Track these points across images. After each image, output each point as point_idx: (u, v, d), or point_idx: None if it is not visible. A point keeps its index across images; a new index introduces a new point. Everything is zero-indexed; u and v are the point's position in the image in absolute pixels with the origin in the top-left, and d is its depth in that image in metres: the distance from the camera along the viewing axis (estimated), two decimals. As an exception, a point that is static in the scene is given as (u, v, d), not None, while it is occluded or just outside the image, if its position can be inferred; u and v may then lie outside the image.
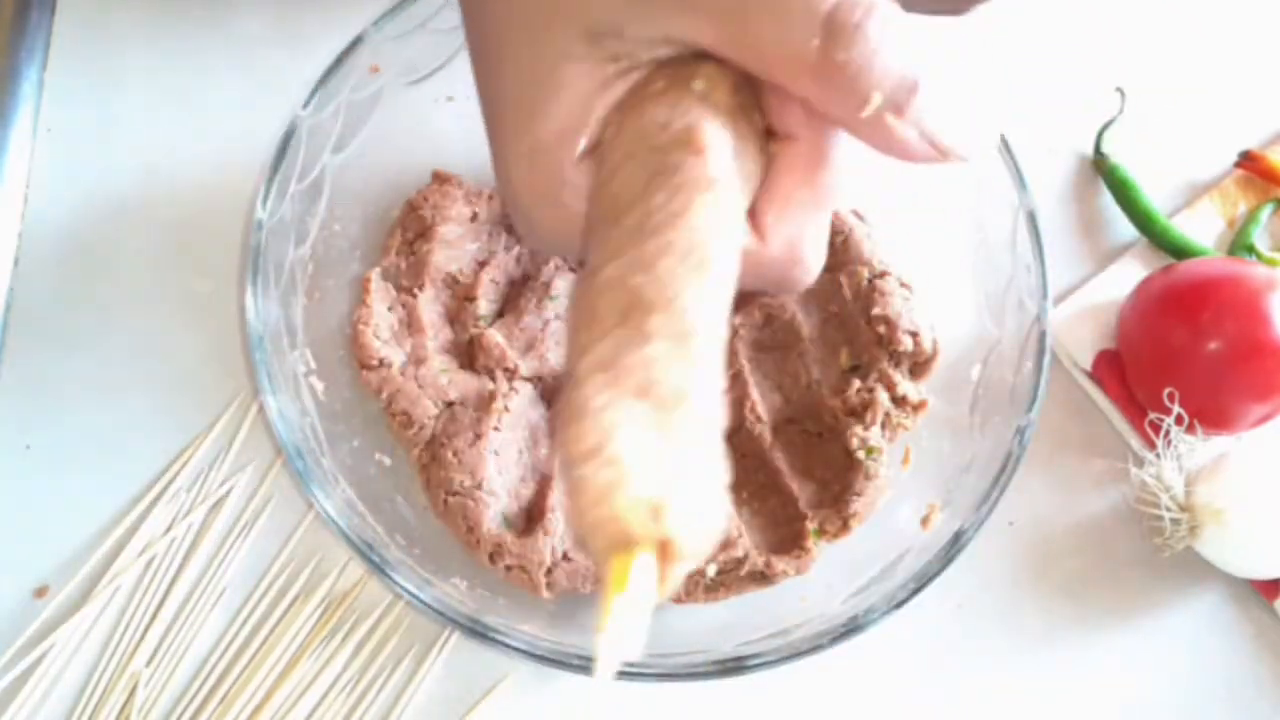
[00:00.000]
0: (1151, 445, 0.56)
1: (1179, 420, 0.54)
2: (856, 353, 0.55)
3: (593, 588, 0.51)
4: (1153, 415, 0.55)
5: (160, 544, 0.54)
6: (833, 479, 0.53)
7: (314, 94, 0.51)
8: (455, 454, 0.51)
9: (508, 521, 0.51)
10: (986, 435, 0.52)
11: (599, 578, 0.31)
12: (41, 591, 0.53)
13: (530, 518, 0.51)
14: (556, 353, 0.54)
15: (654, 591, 0.29)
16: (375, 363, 0.52)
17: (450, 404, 0.52)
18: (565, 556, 0.50)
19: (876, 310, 0.54)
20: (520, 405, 0.53)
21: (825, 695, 0.55)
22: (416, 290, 0.54)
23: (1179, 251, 0.60)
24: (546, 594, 0.50)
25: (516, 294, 0.55)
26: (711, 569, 0.50)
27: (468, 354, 0.54)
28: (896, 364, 0.54)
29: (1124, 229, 0.62)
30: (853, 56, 0.32)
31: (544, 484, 0.52)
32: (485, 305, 0.54)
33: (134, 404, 0.56)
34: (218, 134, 0.60)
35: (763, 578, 0.51)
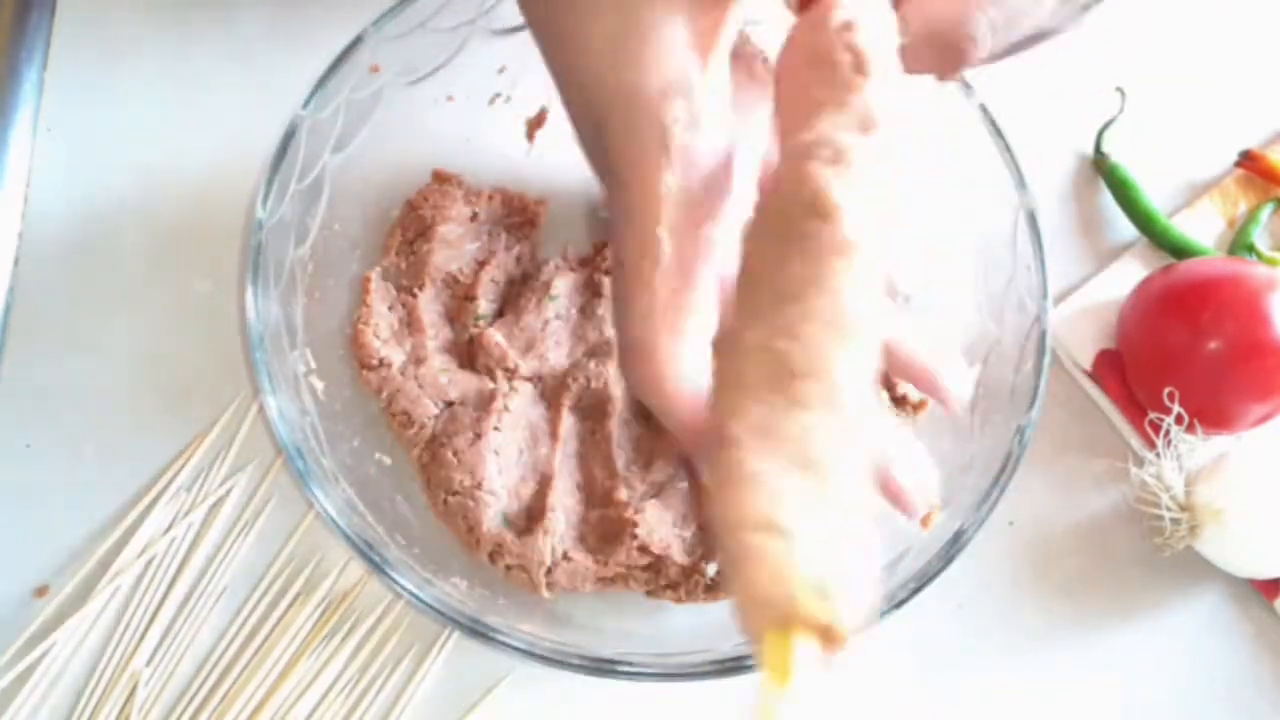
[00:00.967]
0: (1151, 445, 0.56)
1: (1179, 420, 0.54)
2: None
3: (593, 587, 0.51)
4: (1153, 415, 0.55)
5: (160, 544, 0.54)
6: (833, 479, 0.53)
7: (314, 94, 0.51)
8: (455, 454, 0.51)
9: (508, 521, 0.51)
10: (986, 435, 0.52)
11: (756, 655, 0.29)
12: (41, 591, 0.53)
13: (530, 517, 0.51)
14: (556, 352, 0.54)
15: (819, 679, 0.28)
16: (375, 362, 0.52)
17: (450, 404, 0.52)
18: (565, 556, 0.50)
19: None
20: (520, 405, 0.53)
21: (825, 695, 0.54)
22: (416, 290, 0.54)
23: (1179, 251, 0.60)
24: (546, 594, 0.50)
25: (516, 294, 0.55)
26: (712, 568, 0.50)
27: (468, 354, 0.54)
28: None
29: (1124, 229, 0.62)
30: None
31: (544, 484, 0.52)
32: (485, 305, 0.54)
33: (134, 404, 0.56)
34: (218, 134, 0.60)
35: (763, 577, 0.51)
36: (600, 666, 0.47)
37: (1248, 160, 0.63)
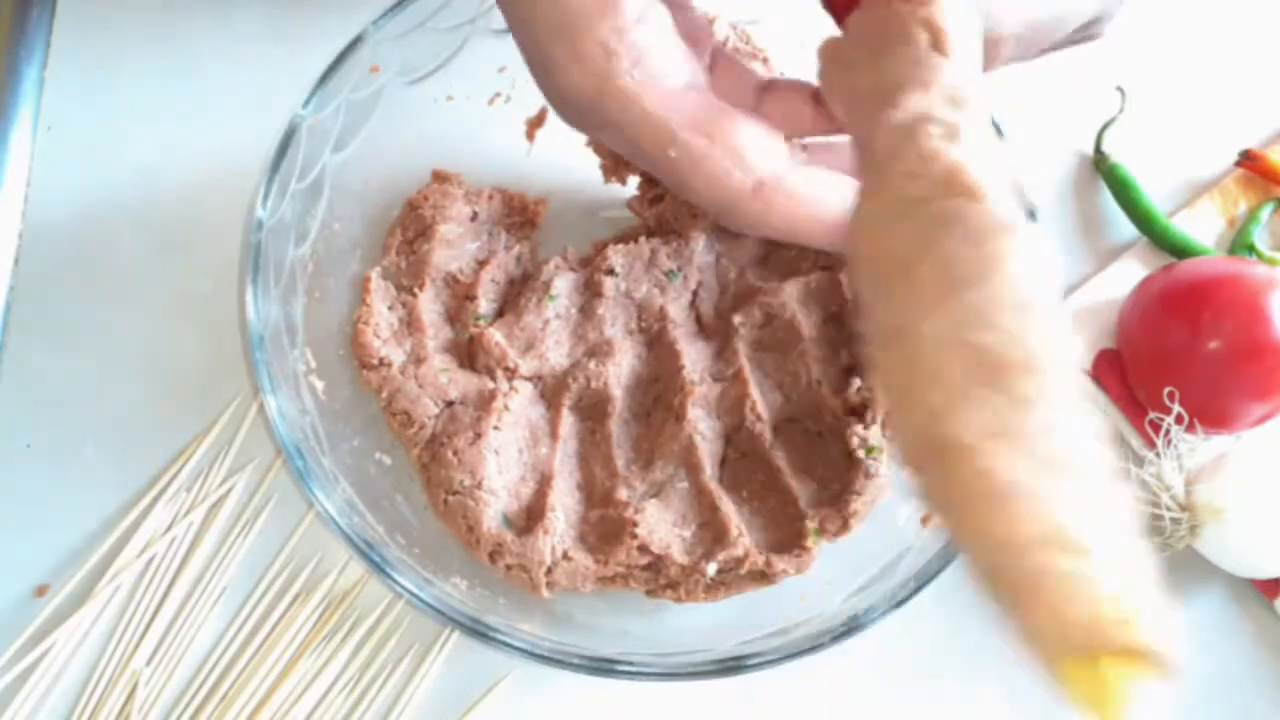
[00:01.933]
0: (1151, 444, 0.56)
1: (1179, 420, 0.54)
2: (856, 352, 0.55)
3: (593, 587, 0.51)
4: (1153, 415, 0.55)
5: (160, 543, 0.54)
6: (833, 478, 0.53)
7: (314, 94, 0.51)
8: (455, 453, 0.51)
9: (508, 521, 0.51)
10: (987, 434, 0.51)
11: (1057, 686, 0.27)
12: (42, 591, 0.53)
13: (530, 517, 0.51)
14: (556, 352, 0.54)
15: (1150, 710, 0.26)
16: (375, 362, 0.52)
17: (450, 403, 0.52)
18: (565, 556, 0.50)
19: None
20: (520, 404, 0.53)
21: (825, 695, 0.55)
22: (416, 290, 0.54)
23: (1179, 251, 0.60)
24: (546, 593, 0.50)
25: (516, 293, 0.55)
26: (712, 568, 0.50)
27: (468, 353, 0.54)
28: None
29: (1124, 228, 0.62)
30: None
31: (544, 483, 0.52)
32: (485, 304, 0.54)
33: (134, 404, 0.56)
34: (218, 134, 0.60)
35: (763, 577, 0.51)
36: (600, 666, 0.47)
37: (1248, 160, 0.63)
